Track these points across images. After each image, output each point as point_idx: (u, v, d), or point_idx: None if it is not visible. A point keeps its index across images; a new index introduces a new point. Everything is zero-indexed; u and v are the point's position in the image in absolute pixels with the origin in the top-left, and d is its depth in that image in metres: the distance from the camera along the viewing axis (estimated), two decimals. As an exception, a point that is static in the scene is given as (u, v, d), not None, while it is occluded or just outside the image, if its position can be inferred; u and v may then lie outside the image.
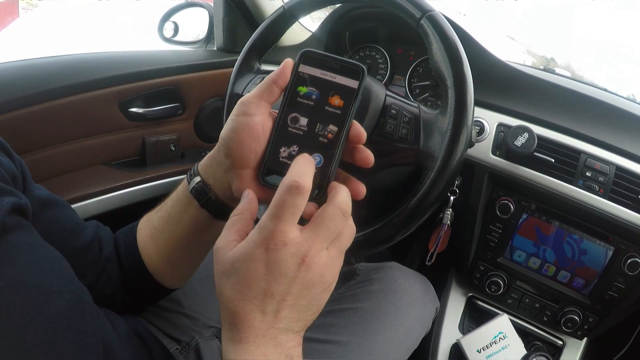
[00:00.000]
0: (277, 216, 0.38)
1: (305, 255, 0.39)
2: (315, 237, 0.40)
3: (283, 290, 0.39)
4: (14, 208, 0.40)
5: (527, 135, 0.81)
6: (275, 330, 0.39)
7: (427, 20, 0.63)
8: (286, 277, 0.39)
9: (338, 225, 0.41)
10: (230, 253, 0.40)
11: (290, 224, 0.39)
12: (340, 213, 0.41)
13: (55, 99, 0.95)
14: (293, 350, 0.40)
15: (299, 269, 0.39)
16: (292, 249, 0.38)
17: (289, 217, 0.39)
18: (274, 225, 0.38)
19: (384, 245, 0.63)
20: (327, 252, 0.41)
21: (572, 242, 0.87)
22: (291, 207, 0.38)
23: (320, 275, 0.40)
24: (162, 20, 1.31)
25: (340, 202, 0.41)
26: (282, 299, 0.39)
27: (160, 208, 0.60)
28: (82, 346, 0.41)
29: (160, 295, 0.68)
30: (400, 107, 0.63)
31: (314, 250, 0.39)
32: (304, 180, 0.39)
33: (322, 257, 0.40)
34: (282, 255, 0.38)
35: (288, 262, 0.38)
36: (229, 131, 0.46)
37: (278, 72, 0.45)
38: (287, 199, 0.38)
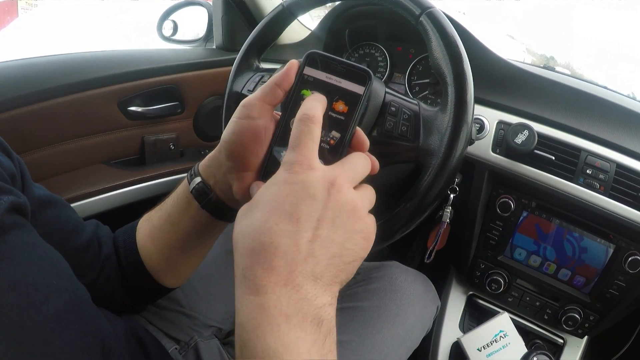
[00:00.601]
0: (298, 144, 0.37)
1: (334, 179, 0.36)
2: (341, 167, 0.38)
3: (313, 215, 0.34)
4: (12, 207, 0.40)
5: (527, 132, 0.81)
6: (300, 276, 0.33)
7: (426, 17, 0.63)
8: (315, 200, 0.35)
9: (363, 165, 0.40)
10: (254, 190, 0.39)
11: (311, 150, 0.37)
12: (362, 155, 0.41)
13: (54, 98, 0.94)
14: (322, 310, 0.33)
15: (328, 192, 0.35)
16: (320, 173, 0.36)
17: (309, 144, 0.37)
18: (297, 152, 0.37)
19: (384, 244, 0.63)
20: (356, 191, 0.38)
21: (573, 240, 0.87)
22: (308, 134, 0.37)
23: (352, 204, 0.36)
24: (161, 19, 1.31)
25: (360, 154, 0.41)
26: (313, 226, 0.34)
27: (160, 208, 0.60)
28: (80, 346, 0.41)
29: (160, 295, 0.67)
30: (400, 104, 0.63)
31: (342, 178, 0.37)
32: (314, 111, 0.39)
33: (350, 188, 0.37)
34: (310, 177, 0.35)
35: (316, 184, 0.35)
36: (230, 134, 0.46)
37: (282, 74, 0.44)
38: (302, 128, 0.38)
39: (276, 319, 0.31)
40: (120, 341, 0.53)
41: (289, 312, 0.32)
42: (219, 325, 0.80)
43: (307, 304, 0.32)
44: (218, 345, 0.77)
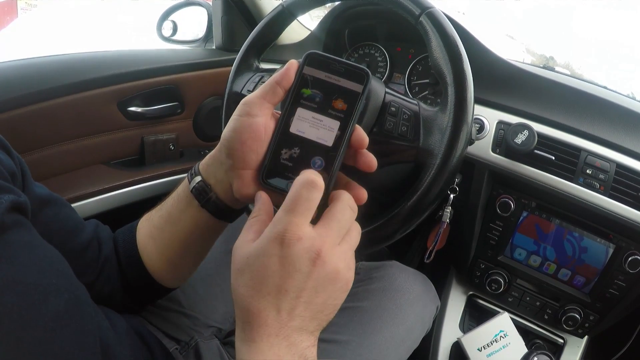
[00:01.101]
0: (292, 209, 0.38)
1: (319, 250, 0.38)
2: (328, 231, 0.40)
3: (297, 287, 0.38)
4: (12, 206, 0.40)
5: (527, 132, 0.81)
6: (288, 329, 0.38)
7: (426, 17, 0.63)
8: (301, 273, 0.38)
9: (348, 219, 0.42)
10: (245, 251, 0.40)
11: (304, 218, 0.39)
12: (349, 208, 0.42)
13: (53, 98, 0.94)
14: (307, 351, 0.39)
15: (314, 264, 0.38)
16: (307, 243, 0.38)
17: (304, 212, 0.39)
18: (289, 218, 0.38)
19: (384, 244, 0.63)
20: (340, 247, 0.41)
21: (573, 240, 0.87)
22: (306, 201, 0.39)
23: (335, 271, 0.39)
24: (161, 19, 1.31)
25: (347, 198, 0.42)
26: (296, 295, 0.38)
27: (160, 207, 0.60)
28: (80, 345, 0.41)
29: (160, 295, 0.67)
30: (400, 104, 0.63)
31: (327, 245, 0.39)
32: (319, 178, 0.40)
33: (335, 252, 0.40)
34: (296, 250, 0.38)
35: (302, 257, 0.38)
36: (230, 131, 0.46)
37: (282, 73, 0.45)
38: (302, 193, 0.39)
39: (271, 358, 0.37)
40: (121, 340, 0.53)
41: (280, 353, 0.38)
42: (219, 326, 0.80)
43: (295, 347, 0.38)
44: (218, 345, 0.77)
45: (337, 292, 0.40)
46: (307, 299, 0.39)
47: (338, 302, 0.41)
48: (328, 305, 0.40)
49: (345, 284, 0.41)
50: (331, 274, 0.39)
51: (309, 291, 0.39)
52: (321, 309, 0.40)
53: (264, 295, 0.38)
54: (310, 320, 0.39)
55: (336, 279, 0.40)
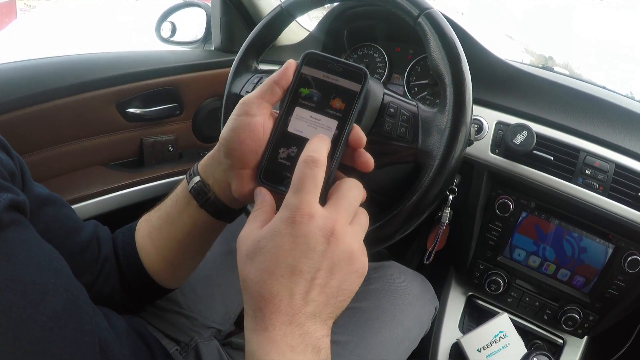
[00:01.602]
0: (300, 189, 0.38)
1: (333, 228, 0.38)
2: (338, 209, 0.40)
3: (312, 267, 0.37)
4: (11, 205, 0.40)
5: (526, 133, 0.81)
6: (303, 316, 0.37)
7: (424, 18, 0.63)
8: (315, 252, 0.37)
9: (357, 196, 0.42)
10: (254, 235, 0.39)
11: (314, 196, 0.38)
12: (355, 186, 0.42)
13: (52, 100, 0.94)
14: (321, 341, 0.38)
15: (328, 242, 0.38)
16: (320, 221, 0.38)
17: (312, 189, 0.38)
18: (299, 198, 0.38)
19: (383, 245, 0.63)
20: (351, 227, 0.40)
21: (572, 240, 0.87)
22: (312, 179, 0.38)
23: (349, 251, 0.39)
24: (160, 21, 1.31)
25: (351, 179, 0.42)
26: (311, 277, 0.37)
27: (159, 208, 0.60)
28: (79, 345, 0.41)
29: (159, 295, 0.67)
30: (399, 105, 0.63)
31: (340, 223, 0.39)
32: (319, 154, 0.39)
33: (348, 231, 0.39)
34: (311, 228, 0.37)
35: (317, 235, 0.37)
36: (229, 131, 0.46)
37: (280, 72, 0.45)
38: (306, 172, 0.39)
39: (283, 349, 0.36)
40: (120, 340, 0.52)
41: (293, 343, 0.37)
42: (218, 327, 0.80)
43: (309, 336, 0.37)
44: (218, 346, 0.77)
45: (352, 275, 0.40)
46: (322, 281, 0.38)
47: (353, 287, 0.40)
48: (343, 290, 0.39)
49: (361, 267, 0.40)
50: (346, 253, 0.39)
51: (324, 272, 0.38)
52: (335, 293, 0.39)
53: (277, 278, 0.37)
54: (324, 306, 0.38)
55: (351, 259, 0.39)
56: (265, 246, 0.38)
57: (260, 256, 0.38)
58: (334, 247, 0.38)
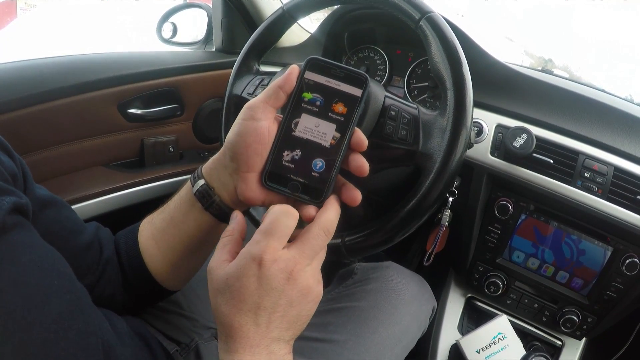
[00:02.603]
0: (270, 233, 0.42)
1: (292, 271, 0.42)
2: (301, 254, 0.43)
3: (273, 303, 0.42)
4: (14, 207, 0.40)
5: (525, 136, 0.81)
6: (267, 340, 0.42)
7: (426, 21, 0.63)
8: (276, 291, 0.42)
9: (321, 243, 0.45)
10: (223, 271, 0.43)
11: (281, 242, 0.43)
12: (323, 233, 0.45)
13: (53, 100, 0.95)
14: (285, 357, 0.43)
15: (287, 282, 0.42)
16: (281, 264, 0.42)
17: (281, 236, 0.43)
18: (267, 241, 0.42)
19: (383, 247, 0.63)
20: (310, 266, 0.44)
21: (571, 243, 0.87)
22: (284, 227, 0.43)
23: (307, 287, 0.43)
24: (161, 21, 1.31)
25: (325, 221, 0.45)
26: (273, 310, 0.42)
27: (162, 210, 0.60)
28: (83, 346, 0.41)
29: (162, 297, 0.68)
30: (400, 108, 0.63)
31: (299, 265, 0.43)
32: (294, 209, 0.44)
33: (306, 271, 0.44)
34: (273, 271, 0.41)
35: (278, 277, 0.42)
36: (235, 135, 0.48)
37: (284, 78, 0.46)
38: (281, 219, 0.43)
39: None
40: (123, 341, 0.53)
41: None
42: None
43: (274, 355, 0.42)
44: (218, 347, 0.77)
45: (308, 304, 0.44)
46: (283, 313, 0.43)
47: (310, 312, 0.45)
48: (301, 316, 0.44)
49: (315, 297, 0.45)
50: (303, 290, 0.43)
51: (284, 306, 0.42)
52: (295, 320, 0.44)
53: (244, 312, 0.42)
54: (286, 330, 0.43)
55: (307, 294, 0.44)
56: (233, 285, 0.42)
57: (229, 293, 0.42)
58: (292, 286, 0.42)
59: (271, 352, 0.42)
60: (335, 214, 0.46)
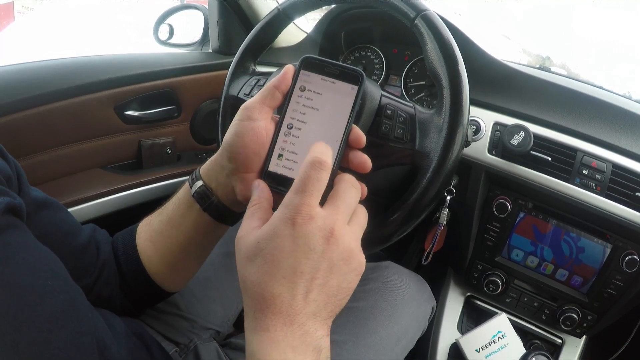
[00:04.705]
0: (303, 190, 0.38)
1: (332, 229, 0.38)
2: (337, 210, 0.40)
3: (313, 267, 0.38)
4: (7, 208, 0.40)
5: (523, 134, 0.81)
6: (304, 317, 0.37)
7: (421, 19, 0.63)
8: (315, 252, 0.38)
9: (354, 196, 0.42)
10: (253, 236, 0.39)
11: (315, 198, 0.39)
12: (351, 186, 0.42)
13: (50, 103, 0.94)
14: (321, 340, 0.38)
15: (327, 242, 0.38)
16: (319, 222, 0.38)
17: (314, 192, 0.39)
18: (300, 199, 0.38)
19: (381, 246, 0.63)
20: (350, 227, 0.41)
21: (570, 240, 0.87)
22: (316, 181, 0.39)
23: (349, 250, 0.39)
24: (157, 23, 1.31)
25: (349, 178, 0.42)
26: (312, 277, 0.38)
27: (160, 212, 0.60)
28: (77, 346, 0.41)
29: (160, 299, 0.67)
30: (396, 107, 0.63)
31: (339, 223, 0.39)
32: (326, 157, 0.40)
33: (347, 231, 0.40)
34: (310, 229, 0.38)
35: (316, 236, 0.38)
36: (232, 135, 0.48)
37: (280, 77, 0.46)
38: (311, 174, 0.39)
39: (284, 349, 0.36)
40: (119, 341, 0.52)
41: (294, 344, 0.37)
42: (217, 328, 0.80)
43: (309, 336, 0.38)
44: (217, 347, 0.77)
45: (350, 273, 0.40)
46: (322, 281, 0.38)
47: (352, 285, 0.41)
48: (342, 288, 0.40)
49: (358, 266, 0.41)
50: (345, 253, 0.39)
51: (324, 272, 0.38)
52: (335, 292, 0.39)
53: (278, 279, 0.37)
54: (324, 306, 0.39)
55: (350, 258, 0.39)
56: (265, 247, 0.38)
57: (261, 258, 0.38)
58: (334, 247, 0.38)
59: (306, 332, 0.37)
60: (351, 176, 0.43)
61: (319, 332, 0.38)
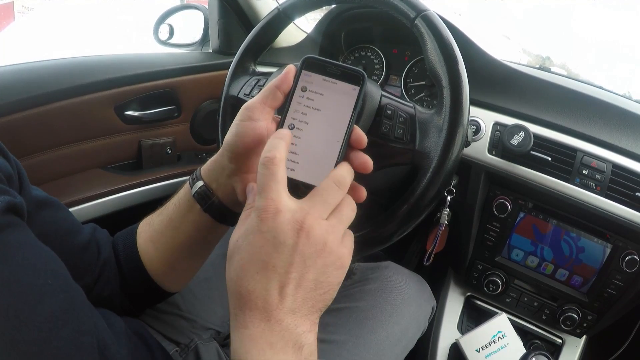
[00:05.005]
0: (262, 189, 0.38)
1: (302, 222, 0.38)
2: (311, 205, 0.39)
3: (285, 260, 0.37)
4: (8, 207, 0.40)
5: (523, 134, 0.81)
6: (280, 312, 0.37)
7: (421, 20, 0.63)
8: (285, 245, 0.37)
9: (334, 195, 0.41)
10: (234, 236, 0.40)
11: (276, 193, 0.38)
12: (334, 185, 0.41)
13: (50, 103, 0.94)
14: (303, 337, 0.38)
15: (297, 235, 0.37)
16: (287, 215, 0.38)
17: (273, 187, 0.38)
18: (263, 198, 0.38)
19: (381, 246, 0.63)
20: (327, 221, 0.40)
21: (570, 240, 0.87)
22: (271, 177, 0.38)
23: (323, 243, 0.39)
24: (157, 23, 1.31)
25: (335, 175, 0.42)
26: (285, 271, 0.37)
27: (160, 212, 0.61)
28: (77, 345, 0.41)
29: (160, 299, 0.68)
30: (396, 107, 0.63)
31: (311, 217, 0.39)
32: (274, 152, 0.39)
33: (321, 224, 0.39)
34: (277, 223, 0.37)
35: (285, 229, 0.37)
36: (233, 136, 0.48)
37: (281, 77, 0.46)
38: (263, 172, 0.39)
39: (262, 347, 0.36)
40: (119, 339, 0.53)
41: (272, 340, 0.36)
42: (217, 328, 0.80)
43: (289, 333, 0.37)
44: (217, 347, 0.77)
45: (329, 268, 0.39)
46: (297, 275, 0.38)
47: (332, 279, 0.40)
48: (321, 282, 0.39)
49: (338, 260, 0.40)
50: (318, 246, 0.38)
51: (298, 265, 0.38)
52: (313, 286, 0.38)
53: (252, 275, 0.37)
54: (303, 301, 0.38)
55: (324, 251, 0.39)
56: (241, 246, 0.39)
57: (237, 255, 0.39)
58: (304, 240, 0.38)
59: (284, 328, 0.37)
60: (347, 170, 0.43)
61: (299, 328, 0.38)
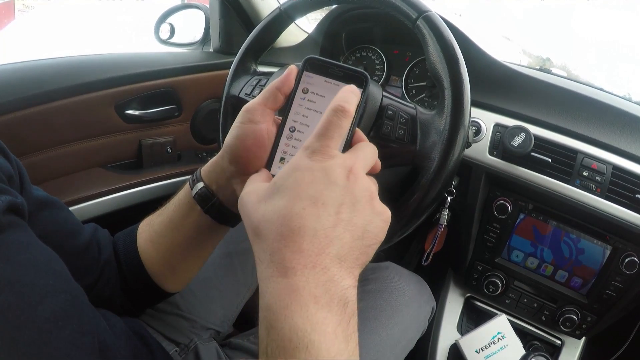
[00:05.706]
0: (324, 134, 0.38)
1: (352, 167, 0.37)
2: (355, 157, 0.39)
3: (335, 200, 0.35)
4: (9, 207, 0.40)
5: (523, 135, 0.81)
6: (327, 258, 0.34)
7: (423, 20, 0.63)
8: (336, 185, 0.36)
9: (372, 153, 0.42)
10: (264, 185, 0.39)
11: (336, 142, 0.38)
12: (369, 144, 0.42)
13: (51, 102, 0.94)
14: (348, 292, 0.34)
15: (347, 178, 0.37)
16: (339, 160, 0.37)
17: (335, 136, 0.38)
18: (322, 141, 0.37)
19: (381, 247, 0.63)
20: (369, 178, 0.40)
21: (570, 242, 0.87)
22: (337, 127, 0.38)
23: (369, 190, 0.38)
24: (158, 22, 1.31)
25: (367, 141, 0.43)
26: (335, 211, 0.35)
27: (161, 212, 0.60)
28: (77, 346, 0.41)
29: (160, 299, 0.68)
30: (397, 108, 0.63)
31: (358, 165, 0.38)
32: (349, 106, 0.39)
33: (365, 176, 0.39)
34: (331, 164, 0.37)
35: (336, 171, 0.36)
36: (233, 138, 0.47)
37: (282, 79, 0.45)
38: (333, 120, 0.38)
39: (305, 300, 0.32)
40: (120, 340, 0.52)
41: (317, 293, 0.32)
42: (217, 328, 0.80)
43: (334, 285, 0.33)
44: (217, 347, 0.77)
45: (376, 217, 0.38)
46: (347, 216, 0.36)
47: (378, 232, 0.38)
48: (368, 232, 0.37)
49: (384, 211, 0.39)
50: (367, 192, 0.37)
51: (348, 207, 0.36)
52: (361, 234, 0.36)
53: (298, 211, 0.34)
54: (349, 248, 0.35)
55: (372, 198, 0.38)
56: (283, 184, 0.36)
57: (278, 194, 0.36)
58: (354, 183, 0.37)
59: (330, 279, 0.33)
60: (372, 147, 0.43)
61: (345, 280, 0.34)
